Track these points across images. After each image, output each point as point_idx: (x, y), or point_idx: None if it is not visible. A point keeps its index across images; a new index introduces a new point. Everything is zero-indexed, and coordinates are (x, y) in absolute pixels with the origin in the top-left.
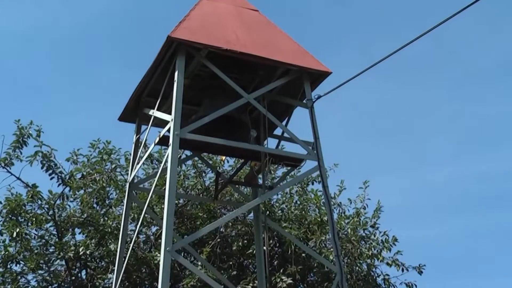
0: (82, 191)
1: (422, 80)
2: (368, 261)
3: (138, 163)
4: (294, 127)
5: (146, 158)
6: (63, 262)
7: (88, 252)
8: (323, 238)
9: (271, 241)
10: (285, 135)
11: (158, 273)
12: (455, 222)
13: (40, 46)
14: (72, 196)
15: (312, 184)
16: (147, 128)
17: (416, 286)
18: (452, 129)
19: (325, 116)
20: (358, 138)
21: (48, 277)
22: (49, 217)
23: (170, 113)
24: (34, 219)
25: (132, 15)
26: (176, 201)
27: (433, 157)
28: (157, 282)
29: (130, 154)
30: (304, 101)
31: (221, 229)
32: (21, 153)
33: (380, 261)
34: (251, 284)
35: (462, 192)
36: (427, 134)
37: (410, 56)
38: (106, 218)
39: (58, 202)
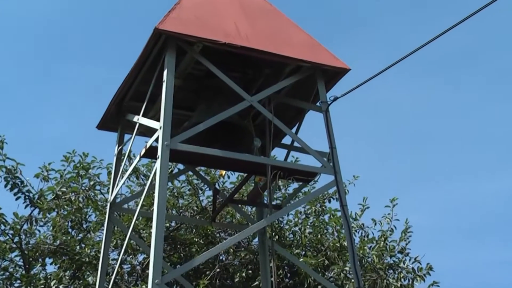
0: (54, 214)
1: (459, 78)
2: None
3: (121, 179)
4: (305, 135)
5: (131, 173)
6: None
7: (61, 286)
8: (344, 267)
9: (280, 271)
10: (296, 144)
11: None
12: (503, 245)
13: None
14: (42, 219)
15: (329, 201)
16: (131, 137)
17: None
18: (494, 136)
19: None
20: (382, 147)
21: None
22: (14, 245)
23: (158, 120)
24: None
25: (114, 4)
26: (167, 224)
27: (471, 169)
28: None
29: (112, 169)
30: (318, 104)
31: (221, 257)
32: None
33: None
34: None
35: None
36: (465, 142)
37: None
38: (83, 245)
39: (25, 227)
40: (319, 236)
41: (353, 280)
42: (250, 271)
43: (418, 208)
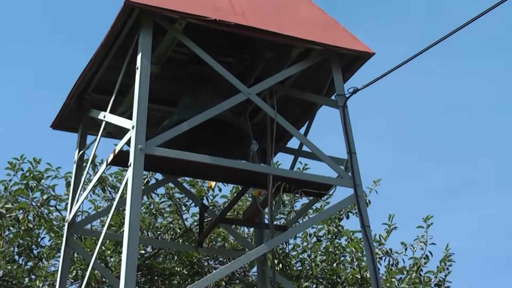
0: None
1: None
2: None
3: (82, 193)
4: (316, 137)
5: (95, 185)
6: None
7: None
8: None
9: None
10: (305, 148)
11: None
12: None
13: None
14: None
15: (347, 217)
16: (96, 139)
17: None
18: None
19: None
20: (412, 151)
21: None
22: None
23: (130, 118)
24: None
25: None
26: (142, 250)
27: None
28: None
29: (71, 179)
30: (333, 98)
31: None
32: None
33: None
34: None
35: None
36: None
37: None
38: (33, 277)
39: None
40: (334, 265)
41: None
42: None
43: (460, 230)
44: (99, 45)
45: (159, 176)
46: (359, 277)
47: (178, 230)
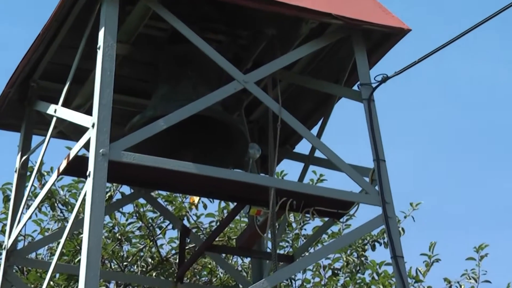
0: None
1: None
2: None
3: (25, 211)
4: (334, 140)
5: (43, 200)
6: None
7: None
8: None
9: None
10: (318, 154)
11: None
12: None
13: None
14: None
15: (372, 248)
16: (44, 141)
17: None
18: None
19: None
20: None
21: None
22: None
23: (90, 113)
24: None
25: None
26: (103, 286)
27: None
28: None
29: (11, 193)
30: (356, 88)
31: None
32: None
33: None
34: None
35: None
36: None
37: None
38: None
39: None
40: None
41: None
42: None
43: None
44: (48, 19)
45: (126, 189)
46: None
47: (151, 260)
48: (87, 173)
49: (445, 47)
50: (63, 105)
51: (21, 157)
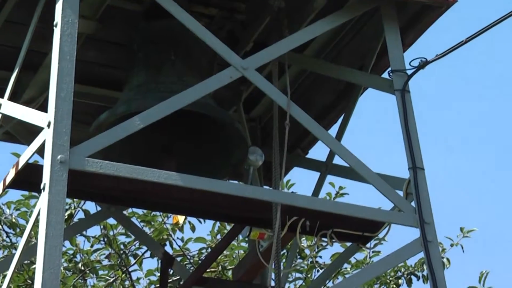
0: None
1: None
2: None
3: None
4: (358, 142)
5: None
6: None
7: None
8: None
9: None
10: (338, 161)
11: None
12: None
13: None
14: None
15: (408, 284)
16: None
17: None
18: None
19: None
20: None
21: None
22: None
23: (45, 109)
24: None
25: None
26: None
27: None
28: None
29: None
30: (387, 76)
31: None
32: None
33: None
34: None
35: None
36: None
37: None
38: None
39: None
40: None
41: None
42: None
43: None
44: None
45: (91, 207)
46: None
47: None
48: (41, 186)
49: (500, 23)
50: (10, 98)
51: None
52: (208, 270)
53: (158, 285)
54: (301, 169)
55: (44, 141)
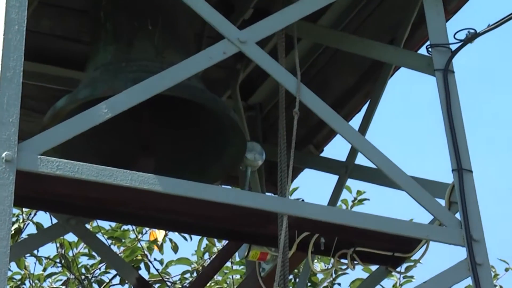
0: None
1: None
2: None
3: None
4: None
5: None
6: None
7: None
8: None
9: None
10: (360, 161)
11: None
12: None
13: None
14: None
15: None
16: None
17: None
18: None
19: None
20: None
21: None
22: None
23: None
24: None
25: None
26: None
27: None
28: None
29: None
30: (426, 51)
31: None
32: None
33: None
34: None
35: None
36: None
37: None
38: None
39: None
40: None
41: None
42: None
43: None
44: None
45: (44, 219)
46: None
47: None
48: None
49: None
50: None
51: None
52: None
53: None
54: (314, 171)
55: None
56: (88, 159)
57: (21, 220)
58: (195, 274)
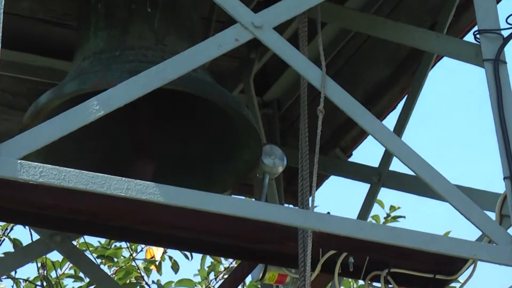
0: None
1: None
2: None
3: None
4: (424, 140)
5: None
6: None
7: None
8: None
9: None
10: (395, 167)
11: None
12: None
13: None
14: None
15: None
16: None
17: None
18: None
19: None
20: None
21: None
22: None
23: None
24: None
25: None
26: None
27: None
28: None
29: None
30: (474, 39)
31: None
32: None
33: None
34: None
35: None
36: None
37: None
38: None
39: None
40: None
41: None
42: None
43: None
44: None
45: (23, 235)
46: None
47: None
48: None
49: None
50: None
51: None
52: None
53: None
54: (341, 178)
55: None
56: (76, 165)
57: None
58: None
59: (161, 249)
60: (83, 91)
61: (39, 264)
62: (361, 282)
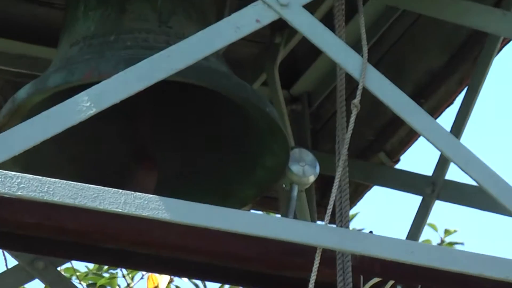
0: None
1: None
2: None
3: None
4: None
5: None
6: None
7: None
8: None
9: None
10: (453, 175)
11: None
12: None
13: None
14: None
15: None
16: None
17: None
18: None
19: None
20: None
21: None
22: None
23: None
24: None
25: None
26: None
27: None
28: None
29: None
30: None
31: None
32: None
33: None
34: None
35: None
36: None
37: None
38: None
39: None
40: None
41: None
42: None
43: None
44: None
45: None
46: None
47: None
48: None
49: None
50: None
51: None
52: None
53: None
54: (385, 189)
55: None
56: (62, 174)
57: None
58: None
59: (166, 277)
60: (70, 84)
61: None
62: None
